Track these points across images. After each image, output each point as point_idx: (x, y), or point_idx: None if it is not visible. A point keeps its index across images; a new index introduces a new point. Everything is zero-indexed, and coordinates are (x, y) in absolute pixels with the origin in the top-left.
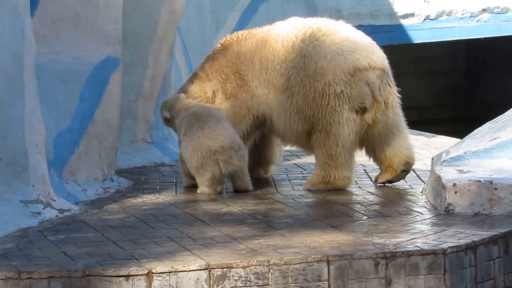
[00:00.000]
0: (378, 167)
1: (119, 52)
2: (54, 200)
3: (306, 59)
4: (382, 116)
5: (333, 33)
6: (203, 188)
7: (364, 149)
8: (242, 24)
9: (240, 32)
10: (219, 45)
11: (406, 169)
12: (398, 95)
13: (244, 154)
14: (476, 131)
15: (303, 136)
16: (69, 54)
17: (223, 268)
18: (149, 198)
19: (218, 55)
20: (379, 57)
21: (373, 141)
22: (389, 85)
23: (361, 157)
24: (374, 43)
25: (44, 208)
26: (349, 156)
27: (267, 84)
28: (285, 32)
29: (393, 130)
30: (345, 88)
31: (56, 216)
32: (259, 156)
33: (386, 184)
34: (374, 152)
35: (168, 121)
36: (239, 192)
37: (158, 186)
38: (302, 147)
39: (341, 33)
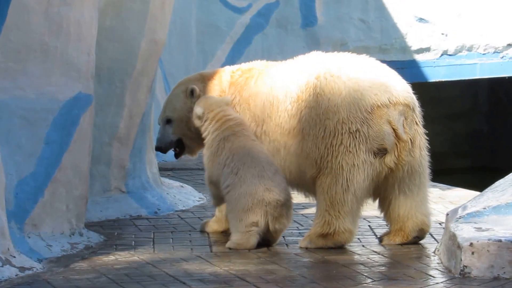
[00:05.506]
0: (385, 223)
1: (91, 88)
2: (14, 257)
3: (319, 97)
4: (407, 157)
5: (350, 67)
6: (236, 237)
7: (377, 200)
8: (233, 57)
9: (247, 65)
10: (241, 77)
11: (419, 236)
12: (426, 137)
13: (292, 212)
14: (497, 183)
15: (311, 183)
16: (35, 89)
17: None
18: (123, 256)
19: (236, 94)
20: (401, 92)
21: (391, 190)
22: (416, 123)
23: (365, 211)
24: (398, 76)
25: (2, 266)
26: (357, 206)
27: (273, 128)
28: (299, 69)
29: (415, 179)
30: (362, 127)
31: (16, 275)
32: None
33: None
34: (388, 204)
35: (199, 119)
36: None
37: (133, 242)
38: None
39: (359, 66)
